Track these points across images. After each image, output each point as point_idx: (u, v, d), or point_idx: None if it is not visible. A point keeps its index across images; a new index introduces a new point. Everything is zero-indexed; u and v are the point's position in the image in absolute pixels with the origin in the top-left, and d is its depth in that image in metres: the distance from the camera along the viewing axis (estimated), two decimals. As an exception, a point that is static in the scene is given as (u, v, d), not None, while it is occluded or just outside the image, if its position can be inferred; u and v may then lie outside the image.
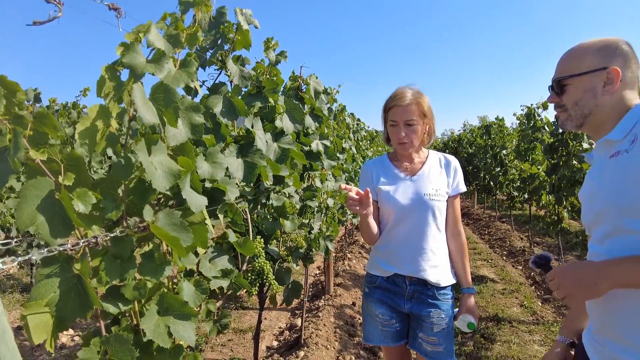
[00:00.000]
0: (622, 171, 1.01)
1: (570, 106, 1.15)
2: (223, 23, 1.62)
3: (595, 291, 0.99)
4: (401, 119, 1.69)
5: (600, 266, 1.00)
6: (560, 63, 1.19)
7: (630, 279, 0.95)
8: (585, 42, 1.15)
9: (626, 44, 1.12)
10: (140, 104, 1.03)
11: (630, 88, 1.10)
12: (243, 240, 1.56)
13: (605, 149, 1.10)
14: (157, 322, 1.04)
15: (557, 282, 1.06)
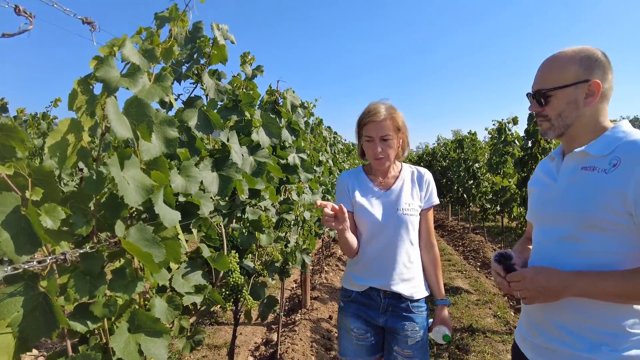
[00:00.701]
0: (594, 188, 1.09)
1: (554, 117, 1.19)
2: (199, 37, 1.63)
3: (556, 299, 1.11)
4: (377, 135, 1.72)
5: (567, 278, 1.09)
6: (542, 73, 1.22)
7: (593, 292, 1.06)
8: (565, 52, 1.19)
9: (603, 55, 1.17)
10: (114, 118, 1.02)
11: (606, 100, 1.17)
12: (217, 255, 1.54)
13: (579, 158, 1.17)
14: (127, 340, 1.01)
15: (523, 285, 1.15)
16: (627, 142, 1.10)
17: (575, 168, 1.18)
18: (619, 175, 1.06)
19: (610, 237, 1.07)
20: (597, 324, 1.09)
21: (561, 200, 1.19)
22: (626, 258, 1.07)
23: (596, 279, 1.06)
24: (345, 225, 1.62)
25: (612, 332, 1.08)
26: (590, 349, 1.09)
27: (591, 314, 1.10)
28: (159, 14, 1.35)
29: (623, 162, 1.07)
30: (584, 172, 1.14)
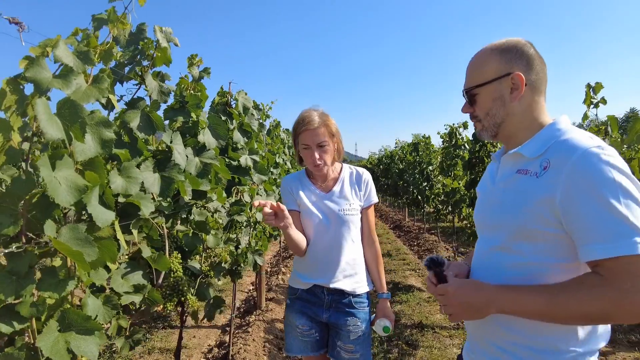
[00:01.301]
0: (525, 194, 1.00)
1: (483, 117, 1.11)
2: (142, 39, 1.64)
3: (481, 316, 1.01)
4: (313, 143, 1.78)
5: (491, 293, 0.99)
6: (468, 71, 1.14)
7: (516, 310, 0.97)
8: (487, 47, 1.11)
9: (527, 45, 1.08)
10: (44, 119, 1.03)
11: (537, 92, 1.07)
12: (157, 255, 1.56)
13: (515, 160, 1.08)
14: (56, 339, 1.02)
15: (446, 300, 1.04)
16: (558, 142, 0.99)
17: (511, 171, 1.08)
18: (549, 179, 0.96)
19: (542, 247, 0.98)
20: (529, 341, 1.01)
21: (496, 208, 1.10)
22: (557, 269, 0.97)
23: (519, 295, 0.96)
24: (286, 222, 1.67)
25: (544, 348, 0.99)
26: None
27: (520, 330, 1.02)
28: (96, 16, 1.36)
29: (552, 164, 0.97)
30: (518, 176, 1.05)
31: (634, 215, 0.86)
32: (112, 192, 1.36)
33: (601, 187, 0.88)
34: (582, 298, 0.89)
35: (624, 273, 0.85)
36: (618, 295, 0.85)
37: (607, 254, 0.86)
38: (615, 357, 3.46)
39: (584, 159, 0.91)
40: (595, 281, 0.89)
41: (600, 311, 0.88)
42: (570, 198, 0.91)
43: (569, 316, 0.91)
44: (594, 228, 0.88)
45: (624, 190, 0.88)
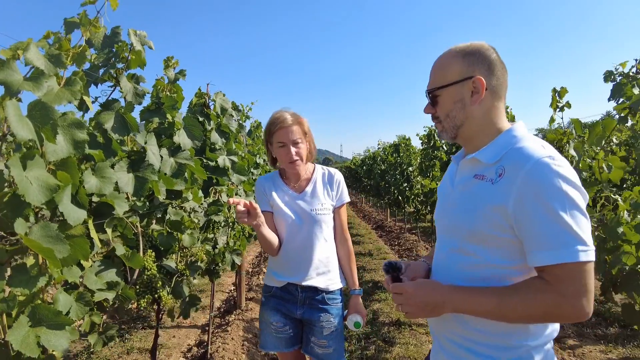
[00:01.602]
0: (480, 200, 1.04)
1: (443, 118, 1.13)
2: (117, 42, 1.67)
3: (436, 314, 1.06)
4: (288, 140, 1.84)
5: (446, 293, 1.04)
6: (431, 72, 1.16)
7: (470, 310, 1.03)
8: (451, 49, 1.13)
9: (490, 49, 1.10)
10: (14, 120, 1.06)
11: (497, 97, 1.10)
12: (131, 253, 1.59)
13: (473, 165, 1.11)
14: (26, 334, 1.05)
15: (403, 299, 1.08)
16: (513, 150, 1.03)
17: (469, 175, 1.12)
18: (503, 187, 1.00)
19: (495, 250, 1.03)
20: (483, 338, 1.07)
21: (453, 210, 1.14)
22: (510, 271, 1.03)
23: (472, 296, 1.02)
24: (259, 220, 1.73)
25: (496, 344, 1.05)
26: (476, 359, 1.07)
27: (477, 327, 1.07)
28: (68, 20, 1.39)
29: (507, 173, 1.00)
30: (475, 181, 1.09)
31: (577, 225, 0.92)
32: (86, 192, 1.39)
33: (549, 197, 0.93)
34: (528, 301, 0.96)
35: (566, 279, 0.93)
36: (560, 299, 0.93)
37: (551, 261, 0.93)
38: (582, 350, 3.61)
39: (535, 169, 0.96)
40: (541, 286, 0.96)
41: (543, 313, 0.96)
42: (521, 206, 0.96)
43: (516, 317, 0.98)
44: (541, 236, 0.94)
45: (570, 200, 0.94)
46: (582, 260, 0.91)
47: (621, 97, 2.23)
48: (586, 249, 0.92)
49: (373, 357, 3.51)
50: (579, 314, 0.93)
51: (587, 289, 0.92)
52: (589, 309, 0.93)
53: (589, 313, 0.94)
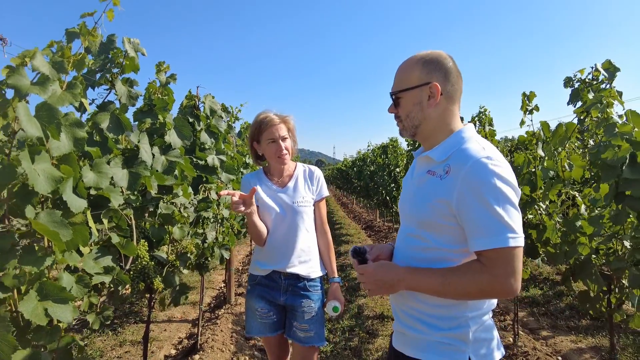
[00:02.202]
0: (430, 193, 1.19)
1: (404, 118, 1.25)
2: (112, 49, 1.82)
3: (393, 291, 1.23)
4: (278, 136, 2.02)
5: (400, 273, 1.20)
6: (395, 76, 1.27)
7: (419, 288, 1.19)
8: (412, 57, 1.25)
9: (447, 58, 1.22)
10: (24, 120, 1.21)
11: (452, 101, 1.23)
12: (126, 241, 1.74)
13: (427, 162, 1.25)
14: (35, 306, 1.20)
15: (365, 278, 1.23)
16: (459, 150, 1.16)
17: (424, 170, 1.25)
18: (448, 183, 1.13)
19: (442, 236, 1.17)
20: (430, 310, 1.22)
21: (410, 200, 1.29)
22: (454, 254, 1.18)
23: (421, 276, 1.17)
24: (252, 209, 1.90)
25: (441, 315, 1.21)
26: (425, 328, 1.23)
27: (425, 301, 1.22)
28: (69, 30, 1.54)
29: (452, 170, 1.14)
30: (428, 176, 1.22)
31: (508, 216, 1.07)
32: (85, 185, 1.54)
33: (485, 192, 1.07)
34: (466, 280, 1.11)
35: (498, 261, 1.08)
36: (492, 279, 1.08)
37: (485, 246, 1.08)
38: (554, 340, 3.81)
39: (474, 168, 1.10)
40: (477, 267, 1.11)
41: (479, 291, 1.12)
42: (462, 200, 1.10)
43: (457, 294, 1.14)
44: (477, 225, 1.09)
45: (503, 195, 1.08)
46: (511, 246, 1.07)
47: (579, 101, 2.42)
48: (515, 236, 1.08)
49: (357, 348, 3.68)
50: (508, 291, 1.09)
51: (515, 270, 1.09)
52: (517, 286, 1.09)
53: (516, 290, 1.10)
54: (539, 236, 2.78)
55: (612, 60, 2.29)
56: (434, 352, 1.22)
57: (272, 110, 2.09)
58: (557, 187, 2.69)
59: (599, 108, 2.17)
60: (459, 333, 1.20)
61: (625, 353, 3.45)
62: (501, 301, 4.95)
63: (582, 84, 2.42)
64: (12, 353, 1.07)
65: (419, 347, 1.25)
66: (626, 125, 2.02)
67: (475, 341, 1.20)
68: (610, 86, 2.30)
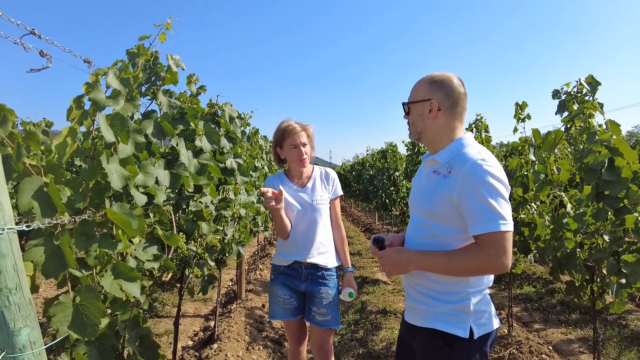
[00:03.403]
0: (436, 189, 1.43)
1: (411, 124, 1.54)
2: (156, 65, 2.08)
3: (406, 271, 1.48)
4: (299, 142, 2.29)
5: (411, 255, 1.45)
6: (411, 89, 1.55)
7: (427, 267, 1.44)
8: (426, 76, 1.51)
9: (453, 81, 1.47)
10: (104, 128, 1.47)
11: (452, 116, 1.47)
12: (169, 233, 2.00)
13: (433, 163, 1.51)
14: (112, 282, 1.46)
15: (383, 261, 1.49)
16: (459, 154, 1.41)
17: (430, 171, 1.51)
18: (451, 181, 1.38)
19: (446, 224, 1.41)
20: (437, 286, 1.46)
21: (419, 196, 1.54)
22: (455, 239, 1.42)
23: (429, 257, 1.42)
24: (281, 205, 2.15)
25: (446, 290, 1.45)
26: (433, 302, 1.46)
27: (432, 279, 1.47)
28: (130, 50, 1.81)
29: (454, 170, 1.38)
30: (434, 175, 1.47)
31: (499, 207, 1.31)
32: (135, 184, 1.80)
33: (480, 187, 1.32)
34: (466, 260, 1.36)
35: (491, 243, 1.31)
36: (486, 258, 1.33)
37: (481, 231, 1.32)
38: (546, 332, 4.08)
39: (471, 168, 1.34)
40: (475, 249, 1.36)
41: (477, 268, 1.37)
42: (462, 194, 1.35)
43: (459, 271, 1.39)
44: (474, 214, 1.33)
45: (495, 190, 1.32)
46: (502, 230, 1.33)
47: (566, 112, 2.70)
48: (505, 223, 1.33)
49: (362, 339, 3.93)
50: (500, 267, 1.35)
51: (505, 249, 1.34)
52: (507, 263, 1.35)
53: (507, 266, 1.36)
54: (530, 233, 3.05)
55: (594, 75, 2.57)
56: (441, 321, 1.48)
57: (293, 119, 2.36)
58: (546, 189, 2.97)
59: (582, 118, 2.45)
60: (462, 305, 1.45)
61: (610, 343, 3.73)
62: (496, 297, 5.22)
63: (568, 96, 2.70)
64: (102, 317, 1.32)
65: (428, 318, 1.51)
66: (605, 134, 2.30)
67: (475, 312, 1.46)
68: (593, 98, 2.58)
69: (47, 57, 1.33)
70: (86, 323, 1.31)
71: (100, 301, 1.33)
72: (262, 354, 3.45)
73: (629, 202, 2.23)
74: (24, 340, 1.07)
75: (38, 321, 1.14)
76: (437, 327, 1.47)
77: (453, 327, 1.45)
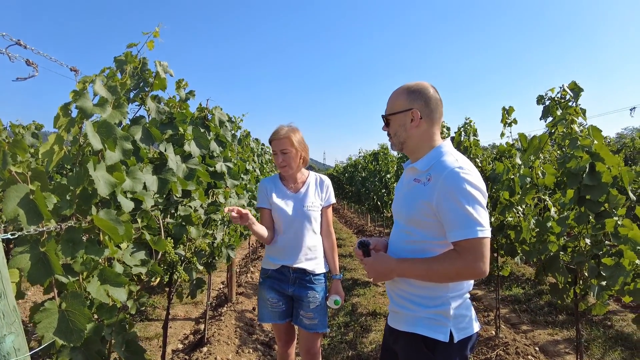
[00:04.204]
0: (416, 196, 1.47)
1: (393, 135, 1.55)
2: (145, 71, 2.10)
3: (388, 278, 1.53)
4: (278, 149, 2.31)
5: (392, 264, 1.48)
6: (388, 102, 1.56)
7: (408, 274, 1.48)
8: (401, 86, 1.54)
9: (429, 89, 1.50)
10: (91, 135, 1.49)
11: (431, 123, 1.51)
12: (157, 238, 2.01)
13: (413, 171, 1.54)
14: (98, 287, 1.47)
15: (367, 268, 1.54)
16: (437, 162, 1.44)
17: (411, 178, 1.54)
18: (430, 188, 1.41)
19: (426, 230, 1.45)
20: (418, 291, 1.50)
21: (401, 203, 1.58)
22: (435, 245, 1.45)
23: (409, 265, 1.45)
24: (249, 221, 2.16)
25: (426, 295, 1.48)
26: (414, 307, 1.50)
27: (413, 284, 1.50)
28: (118, 58, 1.82)
29: (433, 178, 1.42)
30: (414, 183, 1.51)
31: (477, 213, 1.35)
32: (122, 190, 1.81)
33: (458, 194, 1.35)
34: (445, 266, 1.39)
35: (469, 249, 1.34)
36: (464, 264, 1.35)
37: (459, 237, 1.35)
38: (533, 333, 4.13)
39: (449, 176, 1.38)
40: (453, 255, 1.38)
41: (455, 273, 1.40)
42: (440, 201, 1.38)
43: (439, 277, 1.42)
44: (452, 221, 1.36)
45: (472, 197, 1.36)
46: (479, 237, 1.36)
47: (550, 117, 2.75)
48: (482, 229, 1.37)
49: (352, 342, 3.96)
50: (478, 273, 1.38)
51: (483, 255, 1.37)
52: (485, 269, 1.38)
53: (485, 272, 1.39)
54: (516, 236, 3.11)
55: (577, 81, 2.63)
56: (422, 326, 1.51)
57: (287, 124, 2.38)
58: (532, 193, 3.02)
59: (564, 124, 2.50)
60: (442, 310, 1.48)
61: (595, 343, 3.79)
62: (485, 299, 5.28)
63: (552, 102, 2.76)
64: (87, 323, 1.33)
65: (409, 323, 1.54)
66: (586, 139, 2.35)
67: (455, 317, 1.49)
68: (576, 104, 2.63)
69: (33, 65, 1.35)
70: (72, 329, 1.33)
71: (86, 307, 1.35)
72: (252, 357, 3.46)
73: (609, 206, 2.28)
74: (9, 347, 1.08)
75: (24, 327, 1.16)
76: (418, 332, 1.50)
77: (433, 331, 1.48)
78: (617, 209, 2.27)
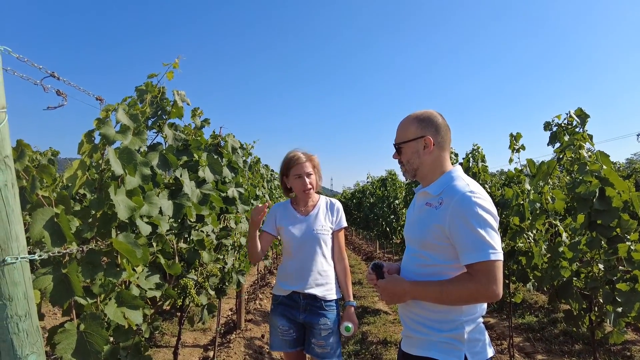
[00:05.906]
0: (428, 220, 1.49)
1: (405, 163, 1.59)
2: (163, 100, 2.19)
3: (402, 301, 1.54)
4: (304, 172, 2.35)
5: (406, 286, 1.50)
6: (397, 130, 1.62)
7: (422, 297, 1.48)
8: (410, 115, 1.60)
9: (437, 116, 1.56)
10: (113, 161, 1.55)
11: (442, 149, 1.56)
12: (171, 262, 2.04)
13: (425, 196, 1.57)
14: (115, 310, 1.50)
15: (381, 291, 1.56)
16: (449, 187, 1.48)
17: (423, 203, 1.57)
18: (442, 212, 1.44)
19: (439, 254, 1.47)
20: (431, 315, 1.49)
21: (413, 227, 1.61)
22: (448, 268, 1.47)
23: (423, 287, 1.46)
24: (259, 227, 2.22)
25: (440, 319, 1.48)
26: (428, 331, 1.50)
27: (427, 308, 1.50)
28: (139, 87, 1.91)
29: (445, 202, 1.45)
30: (426, 207, 1.53)
31: (489, 236, 1.37)
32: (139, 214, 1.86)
33: (470, 218, 1.38)
34: (459, 289, 1.40)
35: (482, 272, 1.36)
36: (478, 287, 1.37)
37: (472, 260, 1.37)
38: (549, 363, 4.02)
39: (461, 200, 1.41)
40: (466, 277, 1.40)
41: (469, 296, 1.42)
42: (453, 224, 1.41)
43: (452, 300, 1.43)
44: (465, 244, 1.39)
45: (484, 220, 1.38)
46: (492, 259, 1.38)
47: (557, 143, 2.79)
48: (495, 252, 1.39)
49: (362, 371, 3.88)
50: (492, 296, 1.39)
51: (496, 278, 1.39)
52: (499, 292, 1.39)
53: (499, 294, 1.40)
54: (528, 262, 3.08)
55: (582, 108, 2.67)
56: (436, 350, 1.50)
57: (300, 150, 2.43)
58: (542, 218, 3.02)
59: (572, 149, 2.53)
60: (456, 334, 1.48)
61: (614, 374, 3.67)
62: (497, 327, 5.17)
63: (559, 128, 2.80)
64: (105, 345, 1.36)
65: (423, 347, 1.54)
66: (595, 164, 2.38)
67: (469, 341, 1.49)
68: (583, 130, 2.67)
69: (62, 95, 1.43)
70: (89, 351, 1.35)
71: (104, 329, 1.37)
72: (261, 386, 3.41)
73: (621, 231, 2.28)
74: (31, 366, 1.11)
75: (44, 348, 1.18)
76: (433, 356, 1.49)
77: (448, 355, 1.48)
78: (629, 234, 2.26)
